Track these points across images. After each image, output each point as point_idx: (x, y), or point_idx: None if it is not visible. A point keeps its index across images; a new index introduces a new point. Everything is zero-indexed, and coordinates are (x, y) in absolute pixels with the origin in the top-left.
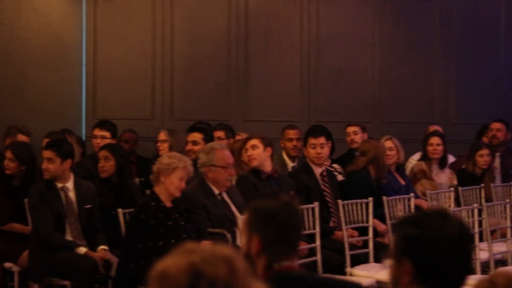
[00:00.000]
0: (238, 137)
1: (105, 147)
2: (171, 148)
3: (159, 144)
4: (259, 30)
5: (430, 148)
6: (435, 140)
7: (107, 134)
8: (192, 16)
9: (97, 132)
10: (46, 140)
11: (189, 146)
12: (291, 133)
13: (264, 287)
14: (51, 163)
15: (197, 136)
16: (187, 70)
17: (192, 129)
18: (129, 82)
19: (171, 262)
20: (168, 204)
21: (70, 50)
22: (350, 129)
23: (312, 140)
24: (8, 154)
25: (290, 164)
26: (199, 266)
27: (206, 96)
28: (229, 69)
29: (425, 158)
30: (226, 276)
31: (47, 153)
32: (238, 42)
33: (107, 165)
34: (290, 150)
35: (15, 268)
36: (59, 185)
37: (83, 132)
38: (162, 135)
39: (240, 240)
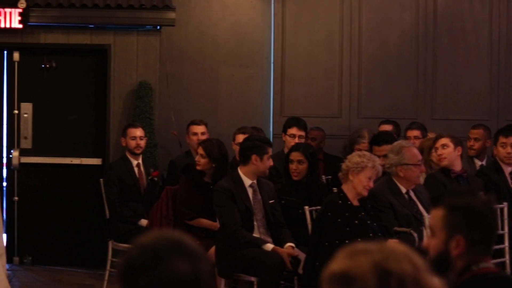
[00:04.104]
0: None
1: (299, 149)
2: None
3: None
4: (446, 28)
5: None
6: None
7: (303, 133)
8: (379, 14)
9: (295, 131)
10: (238, 135)
11: None
12: (472, 133)
13: (441, 283)
14: None
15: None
16: (374, 68)
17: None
18: (316, 80)
19: (349, 263)
20: (355, 202)
21: (258, 48)
22: None
23: (502, 139)
24: (200, 150)
25: (478, 163)
26: (384, 264)
27: (392, 94)
28: (416, 67)
29: None
30: (412, 272)
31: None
32: (426, 40)
33: (300, 167)
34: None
35: None
36: (247, 182)
37: (271, 129)
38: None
39: (427, 238)
